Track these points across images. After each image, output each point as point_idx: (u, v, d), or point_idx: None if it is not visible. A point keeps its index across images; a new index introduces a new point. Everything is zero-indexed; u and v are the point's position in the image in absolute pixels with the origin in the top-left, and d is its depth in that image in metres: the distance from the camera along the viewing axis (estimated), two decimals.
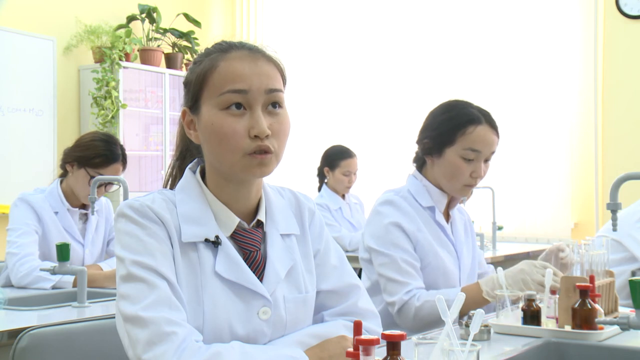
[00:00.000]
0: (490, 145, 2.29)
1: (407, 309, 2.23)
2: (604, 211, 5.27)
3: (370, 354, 1.07)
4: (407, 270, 2.27)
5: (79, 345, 1.68)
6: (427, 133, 2.36)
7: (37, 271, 2.76)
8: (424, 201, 2.36)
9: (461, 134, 2.27)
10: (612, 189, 2.08)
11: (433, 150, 2.33)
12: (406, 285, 2.25)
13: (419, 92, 6.07)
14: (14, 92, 5.39)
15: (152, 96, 6.20)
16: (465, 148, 2.27)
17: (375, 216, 2.36)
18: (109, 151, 2.97)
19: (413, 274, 2.27)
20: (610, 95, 5.46)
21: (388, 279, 2.27)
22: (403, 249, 2.29)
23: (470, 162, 2.28)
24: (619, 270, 2.61)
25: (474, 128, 2.27)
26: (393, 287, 2.26)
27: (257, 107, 1.41)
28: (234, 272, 1.42)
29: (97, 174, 2.93)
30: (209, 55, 1.46)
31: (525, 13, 5.73)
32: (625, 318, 1.69)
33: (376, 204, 2.39)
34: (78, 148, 3.00)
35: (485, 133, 2.28)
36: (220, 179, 1.46)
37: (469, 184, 2.32)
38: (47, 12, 5.73)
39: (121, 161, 3.00)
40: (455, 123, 2.29)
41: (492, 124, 2.31)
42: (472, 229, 2.55)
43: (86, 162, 2.96)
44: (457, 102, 2.38)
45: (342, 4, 6.53)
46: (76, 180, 2.98)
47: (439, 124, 2.33)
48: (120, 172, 3.01)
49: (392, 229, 2.30)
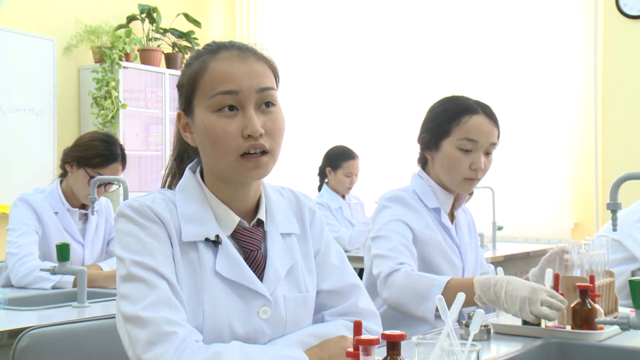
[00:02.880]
0: (487, 135, 2.25)
1: (397, 275, 2.10)
2: (604, 211, 5.27)
3: (370, 354, 1.07)
4: (402, 250, 2.17)
5: (79, 345, 1.68)
6: (424, 128, 2.35)
7: (37, 271, 2.76)
8: (429, 202, 2.32)
9: (456, 124, 2.25)
10: (612, 189, 2.08)
11: (431, 144, 2.31)
12: (398, 259, 2.15)
13: (419, 92, 6.06)
14: (14, 92, 5.39)
15: (152, 96, 6.20)
16: (460, 138, 2.24)
17: (381, 210, 2.31)
18: (108, 151, 2.97)
19: (407, 255, 2.18)
20: (610, 95, 5.46)
21: (380, 255, 2.17)
22: (403, 235, 2.21)
23: (467, 153, 2.24)
24: (619, 270, 2.61)
25: (469, 117, 2.24)
26: (383, 261, 2.15)
27: (250, 106, 1.40)
28: (234, 271, 1.41)
29: (96, 174, 2.93)
30: (199, 57, 1.45)
31: (526, 13, 5.73)
32: (625, 318, 1.69)
33: (382, 199, 2.34)
34: (77, 148, 3.00)
35: (481, 122, 2.25)
36: (218, 179, 1.46)
37: (469, 176, 2.26)
38: (47, 12, 5.73)
39: (120, 161, 3.00)
40: (450, 114, 2.27)
41: (490, 115, 2.27)
42: (475, 229, 2.53)
43: (85, 162, 2.95)
44: (452, 96, 2.36)
45: (343, 3, 6.53)
46: (76, 180, 2.98)
47: (433, 117, 2.32)
48: (120, 172, 3.01)
49: (396, 221, 2.24)
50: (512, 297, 1.88)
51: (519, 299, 1.86)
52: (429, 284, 2.08)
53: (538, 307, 1.82)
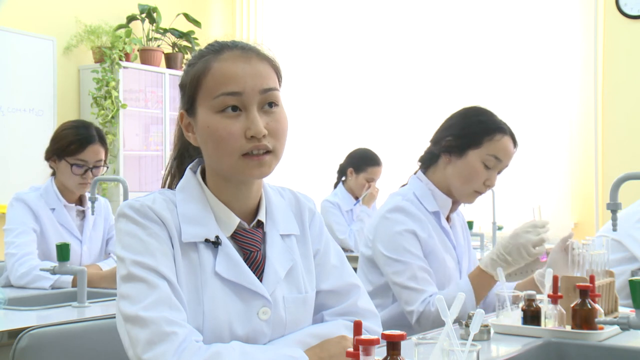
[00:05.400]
0: (509, 157, 2.34)
1: (425, 317, 2.21)
2: (604, 211, 5.27)
3: (370, 354, 1.07)
4: (423, 277, 2.25)
5: (79, 345, 1.68)
6: (452, 131, 2.35)
7: (36, 270, 2.76)
8: (429, 206, 2.34)
9: (489, 139, 2.30)
10: (612, 189, 2.09)
11: (454, 149, 2.33)
12: (422, 292, 2.22)
13: (419, 92, 6.05)
14: (14, 92, 5.39)
15: (152, 96, 6.20)
16: (489, 154, 2.30)
17: (384, 222, 2.32)
18: (80, 135, 2.97)
19: (428, 280, 2.26)
20: (610, 95, 5.46)
21: (404, 287, 2.24)
22: (416, 255, 2.26)
23: (488, 169, 2.31)
24: (619, 270, 2.61)
25: (501, 137, 2.31)
26: (409, 296, 2.23)
27: (253, 107, 1.40)
28: (234, 272, 1.41)
29: (77, 161, 2.94)
30: (202, 57, 1.45)
31: (526, 13, 5.73)
32: (625, 318, 1.69)
33: (384, 210, 2.34)
34: (53, 141, 3.02)
35: (508, 144, 2.33)
36: (220, 179, 1.46)
37: (479, 190, 2.33)
38: (47, 12, 5.73)
39: (99, 142, 2.99)
40: (485, 127, 2.31)
41: (514, 138, 2.36)
42: (467, 229, 2.56)
43: (63, 152, 2.97)
44: (485, 109, 2.40)
45: (344, 3, 6.53)
46: (62, 174, 2.99)
47: (466, 125, 2.34)
48: (102, 154, 3.00)
49: (405, 235, 2.27)
50: (506, 242, 2.22)
51: (516, 253, 2.20)
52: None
53: (532, 251, 2.19)
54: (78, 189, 3.00)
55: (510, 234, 2.25)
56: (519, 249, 2.20)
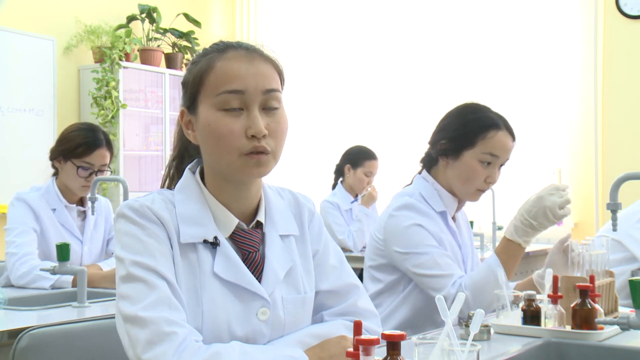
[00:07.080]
0: (507, 151, 2.31)
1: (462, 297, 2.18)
2: (604, 211, 5.27)
3: (370, 354, 1.07)
4: (446, 262, 2.23)
5: (79, 345, 1.68)
6: (444, 134, 2.34)
7: (36, 270, 2.76)
8: (436, 206, 2.33)
9: (482, 137, 2.27)
10: (612, 189, 2.09)
11: (449, 152, 2.31)
12: (450, 277, 2.20)
13: (419, 91, 6.06)
14: (14, 92, 5.39)
15: (152, 96, 6.20)
16: (484, 152, 2.27)
17: (392, 220, 2.30)
18: (89, 138, 2.97)
19: (451, 264, 2.24)
20: (610, 95, 5.46)
21: (430, 276, 2.22)
22: (431, 245, 2.25)
23: (486, 166, 2.28)
24: (619, 270, 2.61)
25: (495, 133, 2.28)
26: (438, 283, 2.20)
27: (254, 107, 1.41)
28: (233, 273, 1.41)
29: (84, 164, 2.94)
30: (206, 56, 1.46)
31: (526, 13, 5.73)
32: (625, 318, 1.69)
33: (390, 209, 2.33)
34: (60, 142, 3.02)
35: (504, 139, 2.29)
36: (219, 179, 1.46)
37: (482, 188, 2.32)
38: (47, 12, 5.73)
39: (106, 146, 3.00)
40: (476, 126, 2.29)
41: (510, 131, 2.32)
42: (470, 228, 2.56)
43: (70, 154, 2.96)
44: (477, 106, 2.37)
45: (344, 3, 6.53)
46: (66, 175, 2.98)
47: (458, 126, 2.32)
48: (108, 158, 3.00)
49: (414, 228, 2.26)
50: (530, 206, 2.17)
51: (542, 217, 2.15)
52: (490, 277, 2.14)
53: (558, 213, 2.15)
54: (80, 191, 3.00)
55: (532, 198, 2.19)
56: (545, 212, 2.15)
